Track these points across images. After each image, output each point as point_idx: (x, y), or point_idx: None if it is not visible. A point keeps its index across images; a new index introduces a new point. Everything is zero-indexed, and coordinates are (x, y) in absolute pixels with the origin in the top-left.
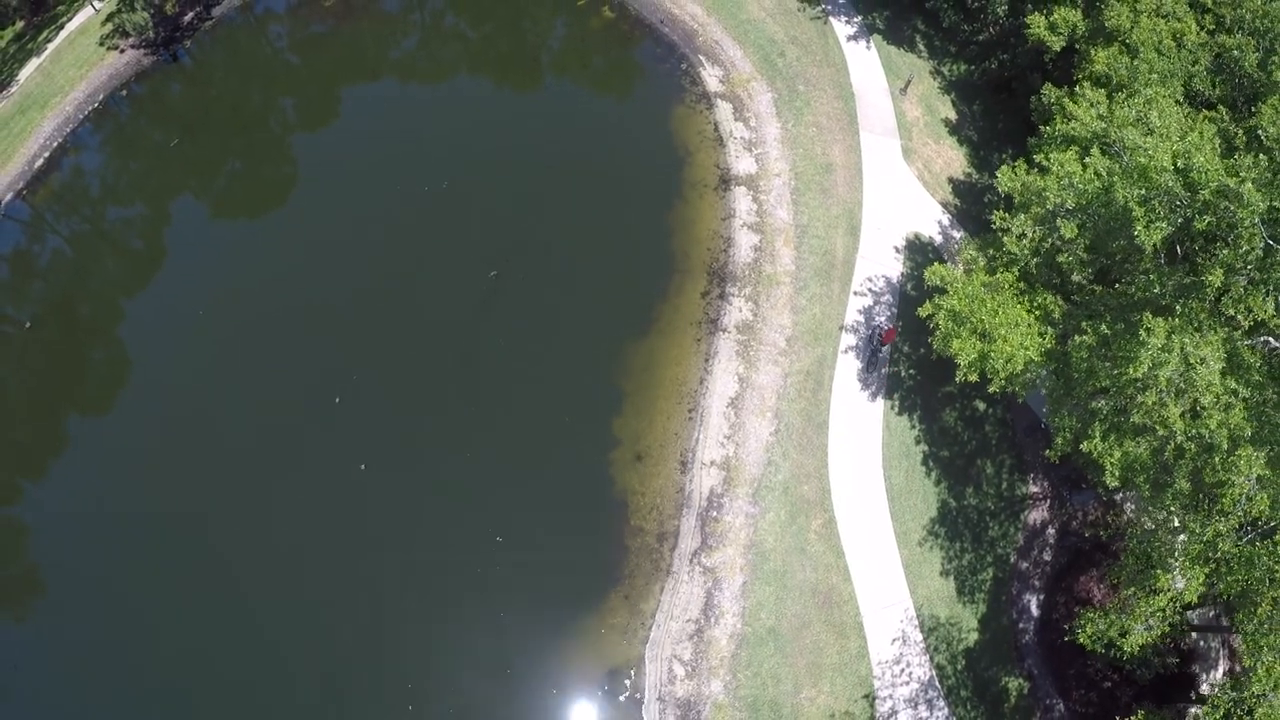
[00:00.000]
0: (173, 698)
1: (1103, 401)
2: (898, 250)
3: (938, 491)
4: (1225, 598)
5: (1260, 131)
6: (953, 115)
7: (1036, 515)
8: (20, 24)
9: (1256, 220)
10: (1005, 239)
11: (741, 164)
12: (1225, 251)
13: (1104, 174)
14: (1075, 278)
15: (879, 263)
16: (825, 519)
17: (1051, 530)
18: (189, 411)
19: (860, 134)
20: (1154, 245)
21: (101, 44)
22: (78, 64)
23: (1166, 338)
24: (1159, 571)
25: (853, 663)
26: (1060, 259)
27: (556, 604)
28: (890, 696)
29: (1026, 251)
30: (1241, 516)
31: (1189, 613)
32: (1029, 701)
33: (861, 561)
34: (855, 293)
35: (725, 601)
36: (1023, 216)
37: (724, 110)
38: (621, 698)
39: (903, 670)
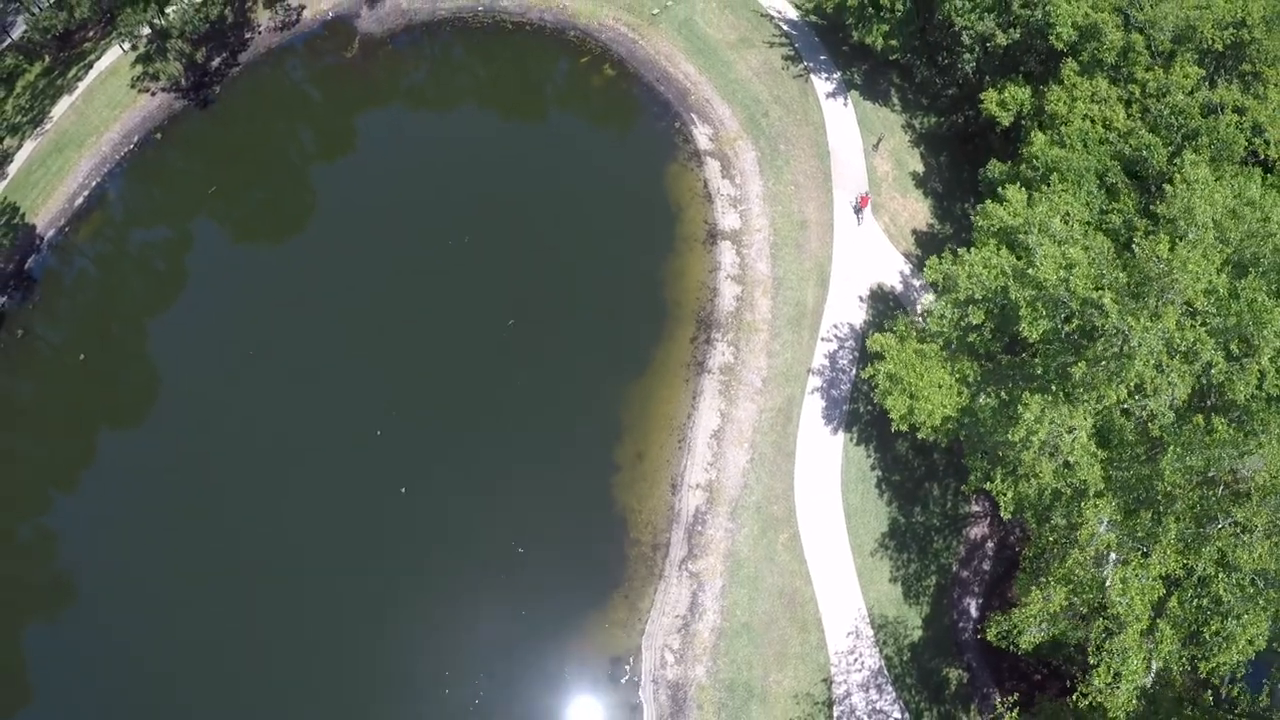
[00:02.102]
0: (240, 685)
1: (1003, 450)
2: (862, 300)
3: (889, 510)
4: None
5: (1135, 246)
6: (920, 168)
7: (977, 531)
8: (47, 59)
9: (1113, 327)
10: (929, 320)
11: (727, 220)
12: (1090, 348)
13: (1008, 272)
14: (983, 351)
15: (845, 312)
16: (791, 533)
17: (991, 544)
18: (247, 442)
19: (834, 191)
20: (1036, 337)
21: (133, 86)
22: (110, 105)
23: (1040, 412)
24: (1033, 587)
25: (813, 653)
26: (971, 338)
27: (568, 603)
28: (845, 681)
29: (947, 328)
30: (1096, 550)
31: None
32: (968, 690)
33: (821, 569)
34: (822, 339)
35: (707, 601)
36: (944, 300)
37: (713, 168)
38: (622, 680)
39: (856, 660)
